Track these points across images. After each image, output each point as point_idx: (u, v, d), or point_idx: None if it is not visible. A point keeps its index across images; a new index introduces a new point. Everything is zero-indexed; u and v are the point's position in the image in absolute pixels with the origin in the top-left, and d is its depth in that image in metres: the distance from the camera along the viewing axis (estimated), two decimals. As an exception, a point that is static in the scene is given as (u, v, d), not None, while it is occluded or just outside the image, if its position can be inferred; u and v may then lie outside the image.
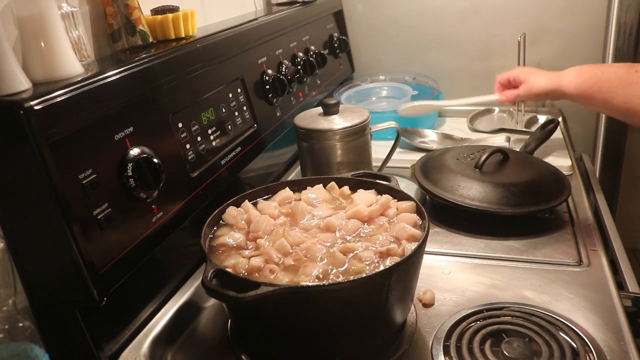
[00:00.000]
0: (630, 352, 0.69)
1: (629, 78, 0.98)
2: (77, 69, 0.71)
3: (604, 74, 1.04)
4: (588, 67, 1.09)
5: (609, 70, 1.04)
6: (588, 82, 1.06)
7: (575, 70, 1.11)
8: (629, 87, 0.98)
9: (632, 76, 0.98)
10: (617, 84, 1.00)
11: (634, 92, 0.97)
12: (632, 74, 0.99)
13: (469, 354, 0.70)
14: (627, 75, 0.99)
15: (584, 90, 1.08)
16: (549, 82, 1.16)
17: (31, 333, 0.62)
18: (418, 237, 0.73)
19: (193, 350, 0.78)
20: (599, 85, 1.04)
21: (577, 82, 1.09)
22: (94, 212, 0.67)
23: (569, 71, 1.12)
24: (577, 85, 1.08)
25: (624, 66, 1.02)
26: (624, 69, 1.01)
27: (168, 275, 0.88)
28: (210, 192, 0.90)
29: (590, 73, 1.06)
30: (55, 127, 0.62)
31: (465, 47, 1.68)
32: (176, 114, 0.85)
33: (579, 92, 1.09)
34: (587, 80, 1.07)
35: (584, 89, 1.07)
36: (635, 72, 0.98)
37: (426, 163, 1.14)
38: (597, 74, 1.05)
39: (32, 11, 0.67)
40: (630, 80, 0.98)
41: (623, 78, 0.99)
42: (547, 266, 0.89)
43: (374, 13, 1.73)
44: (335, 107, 1.12)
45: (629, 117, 1.04)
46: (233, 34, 1.05)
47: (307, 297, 0.63)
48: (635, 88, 0.97)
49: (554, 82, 1.14)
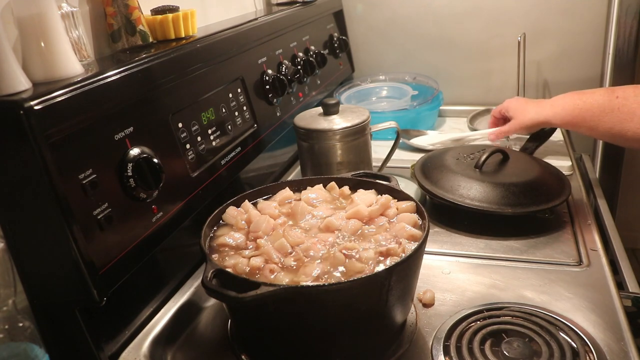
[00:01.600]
0: (630, 352, 0.69)
1: (611, 105, 1.00)
2: (77, 69, 0.71)
3: (586, 103, 1.06)
4: (571, 97, 1.10)
5: (590, 99, 1.05)
6: (572, 113, 1.08)
7: (560, 101, 1.12)
8: (612, 114, 1.00)
9: (614, 102, 0.99)
10: (599, 112, 1.02)
11: (617, 118, 0.99)
12: (613, 100, 1.00)
13: (469, 354, 0.70)
14: (609, 102, 1.00)
15: (569, 121, 1.10)
16: (537, 116, 1.18)
17: (31, 333, 0.62)
18: (418, 237, 0.73)
19: (193, 350, 0.78)
20: (582, 115, 1.06)
21: (562, 115, 1.11)
22: (94, 212, 0.67)
23: (556, 101, 1.14)
24: (562, 117, 1.11)
25: (604, 92, 1.04)
26: (604, 96, 1.02)
27: (168, 275, 0.88)
28: (210, 192, 0.90)
29: (573, 104, 1.08)
30: (55, 127, 0.62)
31: (465, 47, 1.68)
32: (176, 114, 0.85)
33: (564, 123, 1.12)
34: (570, 112, 1.08)
35: (569, 120, 1.10)
36: (616, 97, 0.99)
37: (426, 163, 1.14)
38: (579, 105, 1.07)
39: (32, 11, 0.67)
40: (612, 107, 1.00)
41: (605, 105, 1.01)
42: (547, 266, 0.89)
43: (374, 13, 1.73)
44: (335, 107, 1.12)
45: (616, 141, 1.06)
46: (233, 34, 1.05)
47: (307, 297, 0.63)
48: (617, 114, 0.99)
49: (540, 115, 1.17)
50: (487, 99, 1.71)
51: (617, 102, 0.99)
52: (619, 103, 0.99)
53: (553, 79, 1.65)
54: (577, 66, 1.61)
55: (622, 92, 1.00)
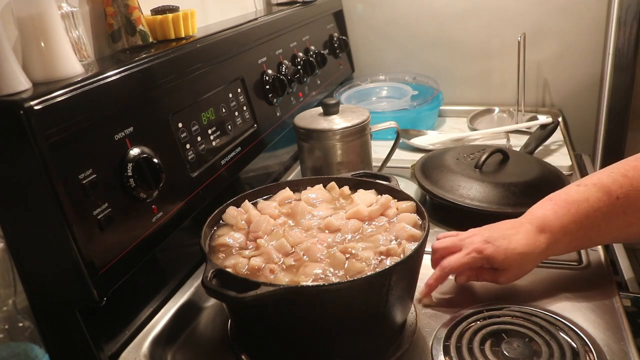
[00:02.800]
0: (630, 352, 0.69)
1: (615, 210, 0.78)
2: (77, 69, 0.70)
3: (589, 217, 0.78)
4: (566, 214, 0.79)
5: (590, 210, 0.78)
6: (576, 235, 0.79)
7: (555, 223, 0.79)
8: (617, 220, 0.78)
9: (617, 205, 0.77)
10: (604, 224, 0.78)
11: (623, 223, 0.78)
12: (614, 202, 0.77)
13: (469, 354, 0.70)
14: (612, 208, 0.77)
15: (574, 246, 0.84)
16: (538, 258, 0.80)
17: (31, 333, 0.62)
18: (418, 237, 0.73)
19: (193, 350, 0.78)
20: (588, 236, 0.80)
21: (565, 242, 0.80)
22: (94, 212, 0.67)
23: (549, 223, 0.79)
24: (566, 244, 0.81)
25: (601, 196, 0.78)
26: (603, 201, 0.77)
27: (168, 275, 0.88)
28: (210, 192, 0.90)
29: (574, 222, 0.78)
30: (55, 127, 0.62)
31: (465, 47, 1.68)
32: (176, 114, 0.85)
33: (570, 248, 0.83)
34: (574, 234, 0.79)
35: (575, 245, 0.83)
36: (616, 199, 0.77)
37: (426, 163, 1.14)
38: (582, 222, 0.78)
39: (32, 11, 0.67)
40: (618, 212, 0.77)
41: (609, 213, 0.78)
42: (547, 266, 0.89)
43: (374, 13, 1.73)
44: (335, 107, 1.12)
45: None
46: (233, 34, 1.05)
47: (307, 297, 0.63)
48: (622, 219, 0.78)
49: (542, 253, 0.80)
50: (487, 99, 1.71)
51: (619, 204, 0.77)
52: (622, 205, 0.77)
53: (553, 79, 1.65)
54: (577, 66, 1.61)
55: (620, 190, 0.77)
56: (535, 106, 1.67)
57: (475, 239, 0.82)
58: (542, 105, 1.68)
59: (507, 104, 1.65)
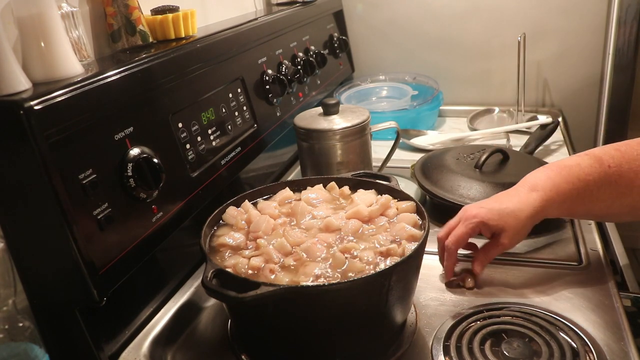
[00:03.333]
0: (630, 352, 0.69)
1: (607, 178, 0.78)
2: (77, 69, 0.71)
3: (580, 180, 0.79)
4: (558, 175, 0.80)
5: (582, 174, 0.79)
6: (569, 196, 0.80)
7: (548, 183, 0.80)
8: (609, 188, 0.78)
9: (609, 174, 0.78)
10: (596, 190, 0.79)
11: (615, 193, 0.78)
12: (606, 170, 0.78)
13: (469, 354, 0.70)
14: (604, 175, 0.78)
15: (566, 209, 0.82)
16: (534, 215, 0.80)
17: (31, 333, 0.62)
18: (418, 237, 0.73)
19: (193, 350, 0.78)
20: (580, 197, 0.80)
21: (559, 202, 0.80)
22: (94, 212, 0.67)
23: (541, 183, 0.81)
24: (559, 205, 0.80)
25: (593, 163, 0.79)
26: (595, 167, 0.78)
27: (168, 275, 0.88)
28: (210, 192, 0.90)
29: (566, 183, 0.79)
30: (55, 127, 0.62)
31: (465, 47, 1.68)
32: (176, 114, 0.85)
33: (562, 211, 0.82)
34: (568, 195, 0.79)
35: (567, 207, 0.82)
36: (608, 167, 0.78)
37: (426, 163, 1.14)
38: (575, 184, 0.79)
39: (32, 11, 0.67)
40: (610, 181, 0.78)
41: (600, 180, 0.78)
42: (547, 266, 0.89)
43: (374, 13, 1.73)
44: (335, 107, 1.12)
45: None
46: (233, 34, 1.05)
47: (307, 297, 0.63)
48: (615, 188, 0.78)
49: (537, 212, 0.80)
50: (487, 99, 1.71)
51: (611, 173, 0.78)
52: (614, 174, 0.77)
53: (553, 79, 1.65)
54: (577, 66, 1.61)
55: (611, 160, 0.78)
56: (535, 106, 1.67)
57: (469, 209, 0.85)
58: (542, 105, 1.68)
59: (507, 104, 1.65)
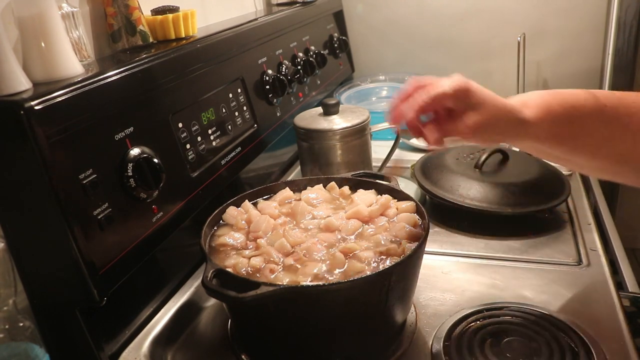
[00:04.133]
0: (630, 352, 0.69)
1: (602, 114, 0.71)
2: (77, 69, 0.71)
3: (575, 108, 0.72)
4: (552, 97, 0.73)
5: (576, 102, 0.72)
6: (560, 120, 0.72)
7: (539, 100, 0.73)
8: (601, 125, 0.72)
9: (604, 111, 0.71)
10: (589, 122, 0.72)
11: (608, 133, 0.71)
12: (601, 107, 0.72)
13: (469, 354, 0.70)
14: (598, 110, 0.71)
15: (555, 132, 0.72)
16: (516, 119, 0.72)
17: (31, 333, 0.62)
18: (418, 237, 0.73)
19: (193, 350, 0.78)
20: (571, 124, 0.72)
21: (549, 121, 0.71)
22: (94, 212, 0.67)
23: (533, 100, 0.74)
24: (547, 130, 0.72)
25: (586, 95, 0.72)
26: (589, 100, 0.72)
27: (168, 275, 0.88)
28: (210, 192, 0.90)
29: (559, 105, 0.72)
30: (55, 127, 0.62)
31: (465, 47, 1.68)
32: (176, 114, 0.85)
33: (550, 135, 0.73)
34: (558, 118, 0.72)
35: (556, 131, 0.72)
36: (604, 106, 0.72)
37: (426, 163, 1.14)
38: (568, 110, 0.72)
39: (33, 11, 0.67)
40: (604, 119, 0.71)
41: (594, 113, 0.72)
42: (547, 266, 0.89)
43: (374, 13, 1.73)
44: (335, 107, 1.12)
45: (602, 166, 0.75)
46: (233, 34, 1.05)
47: (307, 297, 0.63)
48: (608, 128, 0.72)
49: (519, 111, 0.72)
50: (487, 99, 1.71)
51: (606, 111, 0.71)
52: (609, 114, 0.71)
53: (553, 79, 1.65)
54: (577, 66, 1.61)
55: (608, 100, 0.72)
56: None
57: None
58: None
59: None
